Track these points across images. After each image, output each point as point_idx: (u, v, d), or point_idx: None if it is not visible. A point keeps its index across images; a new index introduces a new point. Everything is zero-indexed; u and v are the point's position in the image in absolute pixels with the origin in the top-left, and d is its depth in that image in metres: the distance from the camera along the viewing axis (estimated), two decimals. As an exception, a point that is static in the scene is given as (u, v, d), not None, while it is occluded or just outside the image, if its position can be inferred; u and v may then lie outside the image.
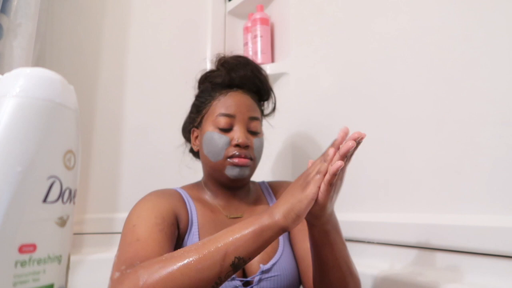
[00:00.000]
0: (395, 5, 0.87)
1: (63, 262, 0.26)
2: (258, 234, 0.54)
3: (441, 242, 0.69)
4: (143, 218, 0.65)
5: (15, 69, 0.26)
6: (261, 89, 0.83)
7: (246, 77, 0.80)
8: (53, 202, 0.25)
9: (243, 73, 0.80)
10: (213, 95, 0.79)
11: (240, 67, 0.80)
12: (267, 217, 0.55)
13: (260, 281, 0.69)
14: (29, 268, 0.24)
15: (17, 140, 0.24)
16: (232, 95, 0.78)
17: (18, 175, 0.24)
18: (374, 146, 0.88)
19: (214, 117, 0.76)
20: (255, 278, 0.69)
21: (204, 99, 0.80)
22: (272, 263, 0.71)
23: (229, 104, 0.76)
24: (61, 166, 0.26)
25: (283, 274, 0.71)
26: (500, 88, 0.66)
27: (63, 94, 0.27)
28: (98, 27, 1.22)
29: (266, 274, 0.70)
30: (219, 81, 0.80)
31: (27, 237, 0.24)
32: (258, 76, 0.82)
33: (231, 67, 0.80)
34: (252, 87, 0.81)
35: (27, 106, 0.25)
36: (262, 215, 0.55)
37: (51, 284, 0.25)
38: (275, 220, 0.54)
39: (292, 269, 0.73)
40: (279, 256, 0.73)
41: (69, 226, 0.27)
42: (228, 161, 0.74)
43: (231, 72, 0.79)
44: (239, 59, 0.82)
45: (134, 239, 0.62)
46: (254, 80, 0.81)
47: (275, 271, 0.71)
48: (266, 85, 0.84)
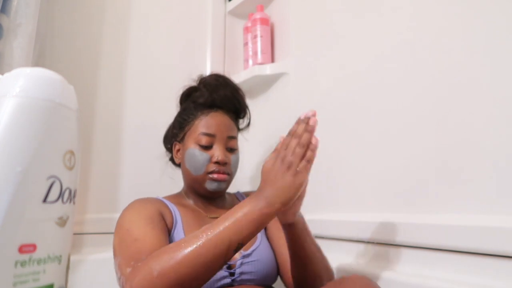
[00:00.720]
0: (395, 6, 0.87)
1: (63, 262, 0.26)
2: (258, 221, 0.60)
3: (441, 242, 0.69)
4: (133, 221, 0.71)
5: (15, 69, 0.26)
6: (239, 108, 0.92)
7: (226, 98, 0.88)
8: (53, 202, 0.25)
9: (223, 93, 0.87)
10: (195, 114, 0.86)
11: (220, 88, 0.88)
12: (264, 205, 0.60)
13: (242, 264, 0.77)
14: (29, 268, 0.24)
15: (17, 140, 0.24)
16: (213, 116, 0.85)
17: (18, 175, 0.24)
18: (374, 146, 0.88)
19: (196, 135, 0.84)
20: (237, 262, 0.77)
21: (187, 117, 0.88)
22: (252, 249, 0.79)
23: (210, 124, 0.84)
24: (61, 166, 0.26)
25: (261, 259, 0.79)
26: (500, 88, 0.66)
27: (63, 94, 0.27)
28: (98, 27, 1.22)
29: (247, 259, 0.78)
30: (201, 101, 0.87)
31: (27, 237, 0.24)
32: (237, 97, 0.90)
33: (212, 88, 0.87)
34: (231, 107, 0.89)
35: (27, 106, 0.25)
36: (259, 202, 0.61)
37: (51, 284, 0.25)
38: (274, 209, 0.60)
39: (269, 257, 0.81)
40: (258, 244, 0.81)
41: (69, 226, 0.27)
42: (209, 176, 0.83)
43: (213, 93, 0.87)
44: (219, 80, 0.91)
45: (132, 240, 0.67)
46: (233, 100, 0.89)
47: (254, 257, 0.79)
48: (243, 104, 0.93)
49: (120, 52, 1.25)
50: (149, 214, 0.73)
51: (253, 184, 1.30)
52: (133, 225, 0.70)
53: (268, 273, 0.80)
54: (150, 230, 0.68)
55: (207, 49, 1.42)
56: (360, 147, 0.92)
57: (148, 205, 0.76)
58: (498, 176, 0.65)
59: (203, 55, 1.42)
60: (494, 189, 0.65)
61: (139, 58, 1.28)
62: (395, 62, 0.85)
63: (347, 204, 0.93)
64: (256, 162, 1.30)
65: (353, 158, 0.94)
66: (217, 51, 1.44)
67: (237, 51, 1.46)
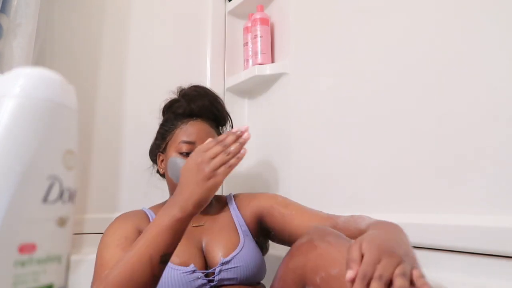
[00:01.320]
0: (396, 5, 0.87)
1: (63, 262, 0.26)
2: (173, 228, 0.61)
3: (441, 242, 0.69)
4: (107, 244, 0.74)
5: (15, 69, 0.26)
6: (218, 116, 0.94)
7: (204, 107, 0.91)
8: (53, 202, 0.25)
9: (201, 103, 0.90)
10: (175, 124, 0.89)
11: (198, 98, 0.91)
12: (178, 210, 0.61)
13: (221, 272, 0.77)
14: (29, 268, 0.24)
15: (16, 140, 0.24)
16: (192, 124, 0.88)
17: (18, 175, 0.24)
18: (374, 145, 0.88)
19: (177, 144, 0.86)
20: (215, 269, 0.78)
21: (168, 127, 0.90)
22: (233, 255, 0.79)
23: (190, 132, 0.86)
24: (61, 166, 0.26)
25: (243, 265, 0.79)
26: (500, 88, 0.66)
27: (63, 94, 0.27)
28: (98, 27, 1.22)
29: (226, 266, 0.78)
30: (180, 111, 0.90)
31: (27, 237, 0.24)
32: (216, 105, 0.93)
33: (190, 98, 0.90)
34: (209, 116, 0.92)
35: (27, 106, 0.25)
36: (173, 209, 0.62)
37: (51, 284, 0.25)
38: (189, 211, 0.61)
39: (253, 261, 0.81)
40: (239, 249, 0.81)
41: (69, 226, 0.27)
42: None
43: (191, 103, 0.89)
44: (198, 90, 0.93)
45: (99, 265, 0.72)
46: (212, 109, 0.92)
47: (235, 263, 0.78)
48: (222, 113, 0.96)
49: (120, 52, 1.25)
50: (124, 234, 0.75)
51: (252, 184, 1.30)
52: (104, 249, 0.73)
53: (252, 275, 0.80)
54: (118, 252, 0.70)
55: (207, 49, 1.42)
56: (360, 147, 0.92)
57: (126, 223, 0.79)
58: (498, 176, 0.65)
59: (203, 55, 1.42)
60: (494, 189, 0.65)
61: (139, 58, 1.28)
62: (395, 62, 0.85)
63: (346, 204, 0.93)
64: (255, 162, 1.30)
65: (352, 158, 0.94)
66: (217, 51, 1.44)
67: (237, 51, 1.46)
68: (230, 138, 0.66)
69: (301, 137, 1.11)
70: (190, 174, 0.64)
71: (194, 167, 0.64)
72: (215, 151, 0.64)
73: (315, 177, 1.04)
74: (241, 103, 1.42)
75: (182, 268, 0.75)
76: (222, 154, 0.64)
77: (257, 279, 0.83)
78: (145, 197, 1.05)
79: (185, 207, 0.62)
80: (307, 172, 1.07)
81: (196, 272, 0.76)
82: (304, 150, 1.10)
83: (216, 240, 0.83)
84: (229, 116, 0.99)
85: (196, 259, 0.79)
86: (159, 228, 0.61)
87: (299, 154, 1.11)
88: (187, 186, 0.63)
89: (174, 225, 0.61)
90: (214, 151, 0.64)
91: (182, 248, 0.78)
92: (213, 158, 0.64)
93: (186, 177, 0.64)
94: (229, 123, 0.99)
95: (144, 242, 0.61)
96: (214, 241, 0.83)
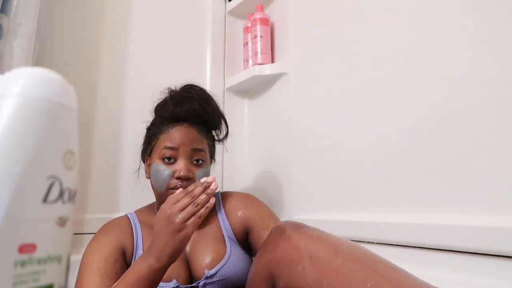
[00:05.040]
0: (396, 5, 0.87)
1: (63, 262, 0.26)
2: (150, 278, 0.64)
3: (441, 242, 0.69)
4: (87, 266, 0.73)
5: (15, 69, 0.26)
6: (208, 120, 0.89)
7: (192, 111, 0.85)
8: (53, 202, 0.25)
9: (189, 107, 0.85)
10: (161, 128, 0.86)
11: (186, 101, 0.85)
12: (154, 261, 0.64)
13: (205, 285, 0.76)
14: (29, 268, 0.24)
15: (16, 140, 0.24)
16: (177, 129, 0.84)
17: (18, 175, 0.24)
18: (374, 145, 0.88)
19: (160, 149, 0.83)
20: (200, 283, 0.76)
21: (154, 131, 0.88)
22: (217, 268, 0.78)
23: (173, 138, 0.83)
24: (61, 166, 0.26)
25: (229, 277, 0.78)
26: (500, 88, 0.66)
27: (63, 94, 0.27)
28: (98, 27, 1.22)
29: (211, 279, 0.77)
30: (166, 115, 0.86)
31: (27, 237, 0.24)
32: (205, 109, 0.87)
33: (177, 101, 0.85)
34: (197, 120, 0.87)
35: (27, 106, 0.25)
36: (149, 258, 0.64)
37: (51, 284, 0.25)
38: (164, 262, 0.64)
39: (240, 271, 0.80)
40: (225, 261, 0.79)
41: (69, 226, 0.27)
42: (170, 192, 0.81)
43: (177, 106, 0.85)
44: (189, 92, 0.88)
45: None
46: (201, 113, 0.87)
47: (220, 276, 0.77)
48: (213, 117, 0.90)
49: (120, 52, 1.25)
50: (105, 256, 0.74)
51: (252, 184, 1.30)
52: (85, 270, 0.73)
53: (241, 284, 0.79)
54: (97, 278, 0.71)
55: (207, 49, 1.42)
56: (360, 147, 0.92)
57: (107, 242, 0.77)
58: (498, 176, 0.65)
59: (203, 55, 1.42)
60: (494, 189, 0.65)
61: (139, 58, 1.28)
62: (395, 62, 0.85)
63: (346, 204, 0.93)
64: (256, 162, 1.30)
65: (352, 158, 0.94)
66: (217, 51, 1.44)
67: (237, 51, 1.46)
68: (198, 189, 0.68)
69: (301, 137, 1.11)
70: (162, 225, 0.66)
71: (165, 219, 0.66)
72: (184, 203, 0.66)
73: (315, 177, 1.04)
74: (241, 103, 1.42)
75: (165, 285, 0.74)
76: (191, 205, 0.66)
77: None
78: (145, 197, 1.05)
79: (160, 258, 0.64)
80: (307, 171, 1.07)
81: (180, 287, 0.75)
82: (304, 150, 1.10)
83: (200, 250, 0.81)
84: (223, 119, 0.94)
85: (180, 272, 0.77)
86: (136, 276, 0.64)
87: (299, 154, 1.11)
88: (160, 238, 0.65)
89: (151, 274, 0.64)
90: (183, 203, 0.66)
91: None
92: (182, 210, 0.66)
93: (159, 228, 0.66)
94: (224, 126, 0.94)
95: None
96: (198, 251, 0.81)
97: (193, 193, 0.67)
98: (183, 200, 0.67)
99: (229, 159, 1.36)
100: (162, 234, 0.65)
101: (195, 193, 0.67)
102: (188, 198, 0.67)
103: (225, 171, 1.35)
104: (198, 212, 0.66)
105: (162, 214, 0.67)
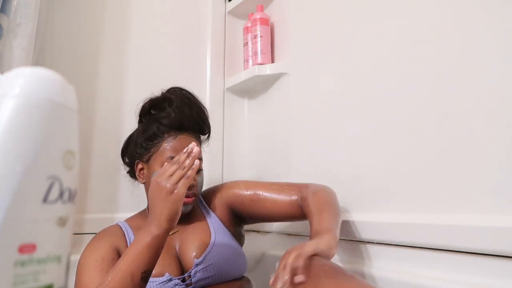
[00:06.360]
0: (395, 6, 0.87)
1: (63, 262, 0.26)
2: (152, 245, 0.66)
3: (441, 242, 0.69)
4: (84, 266, 0.76)
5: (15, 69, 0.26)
6: (203, 127, 0.92)
7: (193, 119, 0.88)
8: (53, 202, 0.25)
9: (190, 115, 0.87)
10: (162, 136, 0.85)
11: (187, 109, 0.87)
12: (155, 228, 0.66)
13: (196, 273, 0.79)
14: (29, 268, 0.24)
15: (16, 140, 0.24)
16: (181, 139, 0.85)
17: (18, 175, 0.24)
18: (374, 146, 0.88)
19: (163, 158, 0.83)
20: (191, 272, 0.79)
21: (154, 138, 0.86)
22: (204, 255, 0.80)
23: (178, 148, 0.83)
24: (61, 166, 0.26)
25: (217, 261, 0.80)
26: (500, 88, 0.66)
27: (63, 94, 0.27)
28: (98, 27, 1.22)
29: (200, 266, 0.79)
30: (166, 122, 0.85)
31: (27, 237, 0.24)
32: (201, 116, 0.91)
33: (179, 110, 0.85)
34: (196, 128, 0.90)
35: (27, 106, 0.25)
36: (150, 227, 0.67)
37: (51, 284, 0.25)
38: (164, 227, 0.66)
39: (227, 254, 0.83)
40: (210, 247, 0.82)
41: (69, 226, 0.27)
42: None
43: (180, 114, 0.85)
44: (186, 98, 0.88)
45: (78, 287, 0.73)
46: (198, 121, 0.90)
47: (208, 261, 0.80)
48: (207, 122, 0.93)
49: (120, 52, 1.25)
50: (100, 255, 0.76)
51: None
52: (82, 271, 0.75)
53: (229, 270, 0.81)
54: (96, 274, 0.72)
55: (207, 49, 1.42)
56: (360, 147, 0.92)
57: (102, 244, 0.79)
58: (498, 176, 0.65)
59: (203, 55, 1.42)
60: (494, 189, 0.65)
61: (139, 58, 1.28)
62: (395, 62, 0.85)
63: (346, 204, 0.93)
64: (256, 162, 1.30)
65: (352, 158, 0.94)
66: (217, 51, 1.44)
67: (237, 51, 1.46)
68: (183, 156, 0.71)
69: (301, 137, 1.11)
70: (155, 193, 0.69)
71: (156, 186, 0.69)
72: (172, 169, 0.70)
73: (314, 177, 1.04)
74: (241, 103, 1.42)
75: (158, 279, 0.76)
76: (179, 170, 0.69)
77: (236, 272, 0.83)
78: (145, 197, 1.05)
79: (159, 223, 0.66)
80: (307, 172, 1.07)
81: (173, 279, 0.77)
82: (303, 150, 1.10)
83: (188, 242, 0.84)
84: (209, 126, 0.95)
85: (171, 267, 0.79)
86: (139, 246, 0.66)
87: (298, 154, 1.11)
88: (156, 205, 0.68)
89: (153, 242, 0.66)
90: (171, 169, 0.70)
91: None
92: (171, 175, 0.69)
93: (152, 198, 0.69)
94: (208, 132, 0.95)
95: (125, 261, 0.65)
96: (186, 244, 0.84)
97: (179, 160, 0.71)
98: (170, 167, 0.70)
99: (229, 159, 1.36)
100: (157, 201, 0.68)
101: (180, 159, 0.71)
102: (175, 165, 0.70)
103: (225, 171, 1.35)
104: (186, 173, 0.69)
105: (154, 184, 0.70)
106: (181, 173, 0.69)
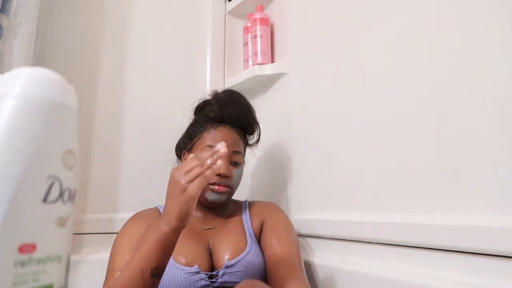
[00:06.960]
0: (395, 5, 0.87)
1: (63, 262, 0.26)
2: (161, 243, 0.65)
3: (441, 242, 0.69)
4: (120, 247, 0.78)
5: (15, 69, 0.26)
6: (247, 125, 0.96)
7: (236, 115, 0.92)
8: (53, 202, 0.25)
9: (234, 111, 0.92)
10: (204, 127, 0.91)
11: (232, 105, 0.92)
12: (165, 225, 0.65)
13: (224, 274, 0.79)
14: (29, 268, 0.24)
15: (17, 140, 0.24)
16: (221, 130, 0.90)
17: (18, 175, 0.24)
18: (374, 145, 0.88)
19: (202, 146, 0.88)
20: (219, 272, 0.79)
21: (197, 129, 0.92)
22: (237, 260, 0.81)
23: (217, 138, 0.88)
24: (61, 166, 0.26)
25: (247, 270, 0.81)
26: (500, 88, 0.66)
27: (63, 94, 0.27)
28: (98, 27, 1.22)
29: (230, 269, 0.80)
30: (211, 115, 0.92)
31: (27, 237, 0.24)
32: (246, 115, 0.95)
33: (223, 105, 0.92)
34: (239, 124, 0.94)
35: (27, 106, 0.25)
36: (161, 223, 0.66)
37: (51, 284, 0.25)
38: (172, 225, 0.64)
39: (257, 266, 0.83)
40: (245, 254, 0.83)
41: (69, 226, 0.27)
42: (210, 187, 0.86)
43: (223, 109, 0.91)
44: (232, 96, 0.95)
45: (110, 269, 0.75)
46: (242, 118, 0.94)
47: (239, 267, 0.80)
48: (252, 122, 0.97)
49: (120, 52, 1.25)
50: (136, 238, 0.77)
51: (252, 184, 1.30)
52: (117, 253, 0.77)
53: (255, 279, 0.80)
54: (129, 255, 0.72)
55: (207, 49, 1.42)
56: (360, 147, 0.92)
57: (138, 226, 0.81)
58: (498, 176, 0.65)
59: (203, 55, 1.42)
60: (494, 189, 0.65)
61: (139, 58, 1.28)
62: (395, 62, 0.85)
63: (346, 204, 0.93)
64: (255, 162, 1.30)
65: (352, 158, 0.94)
66: (217, 51, 1.44)
67: (237, 51, 1.46)
68: (207, 154, 0.68)
69: (301, 136, 1.11)
70: (170, 189, 0.67)
71: (172, 179, 0.67)
72: (192, 165, 0.66)
73: (315, 177, 1.04)
74: (241, 103, 1.42)
75: (187, 269, 0.77)
76: (198, 167, 0.66)
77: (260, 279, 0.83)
78: (145, 197, 1.05)
79: (169, 221, 0.65)
80: (307, 172, 1.07)
81: (200, 273, 0.78)
82: (304, 150, 1.10)
83: (223, 242, 0.85)
84: (258, 126, 1.00)
85: (202, 260, 0.80)
86: (149, 243, 0.65)
87: (299, 153, 1.11)
88: (169, 201, 0.66)
89: (162, 239, 0.65)
90: (191, 165, 0.66)
91: (190, 249, 0.81)
92: (189, 171, 0.66)
93: (168, 190, 0.68)
94: (257, 133, 1.00)
95: (136, 257, 0.66)
96: (221, 243, 0.85)
97: (201, 156, 0.68)
98: (191, 162, 0.67)
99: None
100: (170, 198, 0.66)
101: (203, 156, 0.68)
102: (196, 161, 0.67)
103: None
104: (204, 173, 0.65)
105: (171, 176, 0.68)
106: (199, 171, 0.65)
